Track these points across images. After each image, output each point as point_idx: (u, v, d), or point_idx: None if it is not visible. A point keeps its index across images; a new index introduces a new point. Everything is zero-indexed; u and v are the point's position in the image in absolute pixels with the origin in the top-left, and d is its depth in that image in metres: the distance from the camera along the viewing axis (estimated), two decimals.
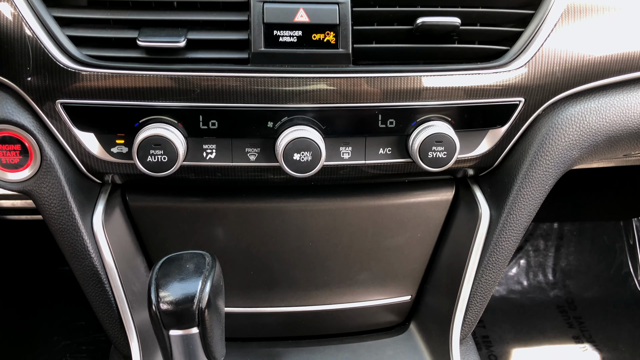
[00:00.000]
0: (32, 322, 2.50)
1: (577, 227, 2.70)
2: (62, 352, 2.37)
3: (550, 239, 2.68)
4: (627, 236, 2.67)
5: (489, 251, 1.04)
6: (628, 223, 2.68)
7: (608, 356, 2.35)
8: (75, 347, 2.39)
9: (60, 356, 2.36)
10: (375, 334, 1.20)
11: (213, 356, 0.85)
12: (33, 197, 0.94)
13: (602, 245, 2.67)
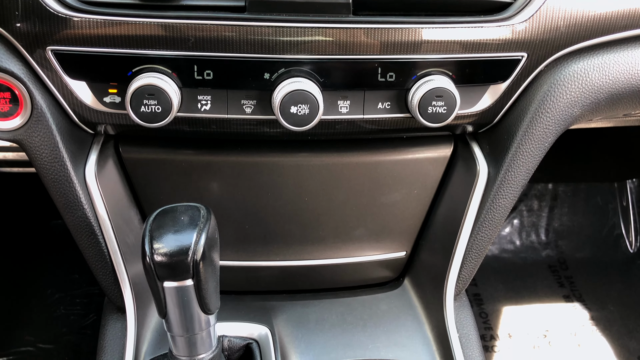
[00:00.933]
0: (26, 275, 2.51)
1: (572, 188, 2.70)
2: (56, 304, 2.39)
3: (544, 200, 2.69)
4: (620, 198, 2.68)
5: (486, 208, 1.04)
6: (622, 185, 2.69)
7: (597, 315, 2.38)
8: (69, 300, 2.41)
9: (54, 308, 2.38)
10: (370, 288, 1.21)
11: (207, 308, 0.85)
12: (24, 147, 0.93)
13: (595, 206, 2.68)
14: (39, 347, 2.24)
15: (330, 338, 1.11)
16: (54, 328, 2.31)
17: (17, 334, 2.29)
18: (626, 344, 2.28)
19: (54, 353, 2.24)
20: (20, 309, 2.37)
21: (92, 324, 2.34)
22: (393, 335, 1.11)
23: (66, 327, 2.31)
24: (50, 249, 2.56)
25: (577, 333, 2.33)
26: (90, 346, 2.27)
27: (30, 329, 2.30)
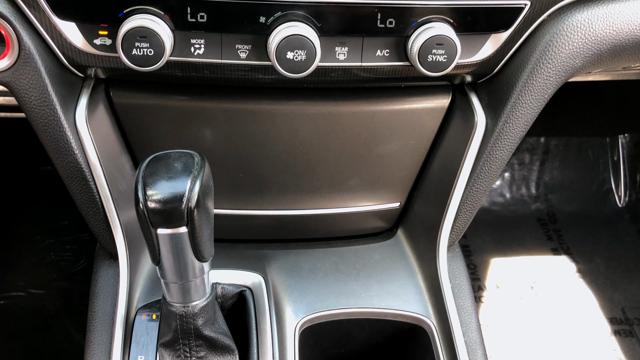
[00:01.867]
0: (15, 220, 2.50)
1: (564, 142, 2.70)
2: (46, 250, 2.39)
3: (536, 153, 2.69)
4: (612, 153, 2.69)
5: (482, 160, 1.03)
6: (614, 140, 2.69)
7: (584, 268, 2.42)
8: (59, 246, 2.40)
9: (44, 254, 2.38)
10: (363, 238, 1.21)
11: (202, 256, 0.84)
12: (13, 90, 0.90)
13: (586, 161, 2.69)
14: (30, 292, 2.25)
15: (324, 286, 1.11)
16: (45, 274, 2.32)
17: (7, 279, 2.29)
18: (611, 296, 2.32)
19: (45, 298, 2.25)
20: (10, 255, 2.37)
21: (83, 270, 2.34)
22: (386, 284, 1.12)
23: (56, 273, 2.32)
24: (39, 195, 2.55)
25: (563, 285, 2.37)
26: (81, 292, 2.28)
27: (20, 274, 2.31)
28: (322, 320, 1.08)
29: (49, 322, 2.20)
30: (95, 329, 1.00)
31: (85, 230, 2.46)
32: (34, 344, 2.16)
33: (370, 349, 1.17)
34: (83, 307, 2.29)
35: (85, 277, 2.32)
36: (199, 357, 0.94)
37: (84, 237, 2.41)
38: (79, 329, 2.17)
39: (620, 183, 2.64)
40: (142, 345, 0.99)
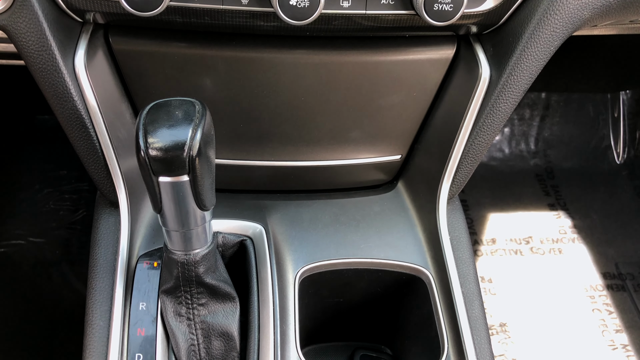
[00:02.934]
0: (13, 169, 2.49)
1: (564, 98, 2.68)
2: (45, 199, 2.39)
3: (536, 109, 2.68)
4: (612, 109, 2.67)
5: (485, 113, 1.02)
6: (615, 96, 2.67)
7: (579, 223, 2.44)
8: (57, 195, 2.41)
9: (43, 203, 2.39)
10: (363, 190, 1.21)
11: (203, 204, 0.84)
12: (10, 34, 0.88)
13: (586, 117, 2.68)
14: (30, 241, 2.27)
15: (323, 237, 1.12)
16: (44, 222, 2.33)
17: (6, 227, 2.31)
18: (605, 251, 2.35)
19: (45, 247, 2.26)
20: (9, 203, 2.37)
21: (82, 219, 2.35)
22: (385, 236, 1.13)
23: (56, 222, 2.33)
24: (37, 144, 2.54)
25: (559, 240, 2.39)
26: (80, 241, 2.30)
27: (19, 222, 2.32)
28: (322, 270, 1.09)
29: (49, 270, 2.22)
30: (96, 276, 1.01)
31: (84, 179, 2.46)
32: (34, 291, 2.19)
33: (369, 299, 1.19)
34: (83, 255, 2.31)
35: (84, 226, 2.33)
36: (200, 304, 0.96)
37: (82, 186, 2.41)
38: (79, 277, 2.19)
39: (620, 140, 2.63)
40: (144, 292, 1.00)
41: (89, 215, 2.37)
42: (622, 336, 2.13)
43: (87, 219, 2.36)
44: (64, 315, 2.13)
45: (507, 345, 2.09)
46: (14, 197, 2.40)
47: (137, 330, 0.96)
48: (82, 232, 2.32)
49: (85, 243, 2.29)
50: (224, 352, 0.97)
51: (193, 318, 0.96)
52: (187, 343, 0.95)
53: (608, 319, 2.17)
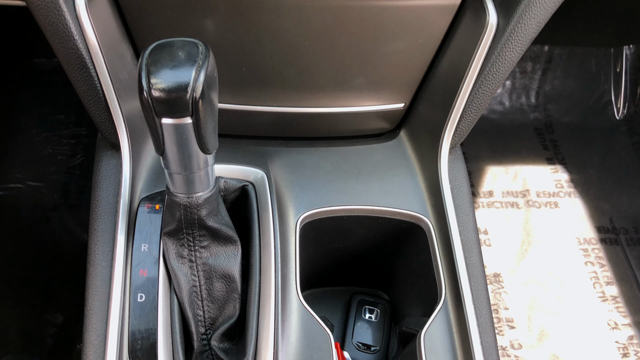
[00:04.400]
0: (10, 113, 2.47)
1: (567, 51, 2.65)
2: (43, 143, 2.38)
3: (538, 62, 2.65)
4: (615, 64, 2.65)
5: (491, 62, 1.01)
6: (618, 50, 2.64)
7: (577, 178, 2.45)
8: (55, 140, 2.40)
9: (41, 148, 2.38)
10: (365, 139, 1.20)
11: (206, 147, 0.84)
12: None
13: (588, 71, 2.66)
14: (28, 185, 2.27)
15: (325, 184, 1.12)
16: (42, 167, 2.33)
17: (4, 170, 2.30)
18: (601, 206, 2.37)
19: (44, 191, 2.27)
20: (6, 146, 2.36)
21: (80, 164, 2.35)
22: (386, 184, 1.13)
23: (54, 166, 2.33)
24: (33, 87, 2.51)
25: (555, 194, 2.41)
26: (79, 186, 2.30)
27: (17, 166, 2.32)
28: (323, 216, 1.10)
29: (48, 215, 2.23)
30: (98, 218, 1.01)
31: (82, 124, 2.44)
32: (34, 235, 2.20)
33: (368, 246, 1.20)
34: (82, 200, 2.32)
35: (82, 171, 2.33)
36: (202, 246, 0.96)
37: (80, 131, 2.40)
38: (78, 221, 2.20)
39: (620, 95, 2.62)
40: (146, 234, 1.00)
41: (87, 160, 2.37)
42: (612, 288, 2.17)
43: (86, 163, 2.36)
44: (64, 259, 2.15)
45: (500, 295, 2.13)
46: (11, 141, 2.39)
47: (140, 271, 0.97)
48: (81, 177, 2.32)
49: (84, 188, 2.29)
50: (225, 293, 0.98)
51: (195, 260, 0.97)
52: (189, 284, 0.97)
53: (600, 272, 2.20)
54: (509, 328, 2.07)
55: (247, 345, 0.92)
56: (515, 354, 2.02)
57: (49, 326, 1.98)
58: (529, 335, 2.06)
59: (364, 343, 1.24)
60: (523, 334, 2.06)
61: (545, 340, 2.05)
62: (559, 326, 2.08)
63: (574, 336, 2.06)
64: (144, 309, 0.94)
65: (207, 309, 0.98)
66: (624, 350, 2.04)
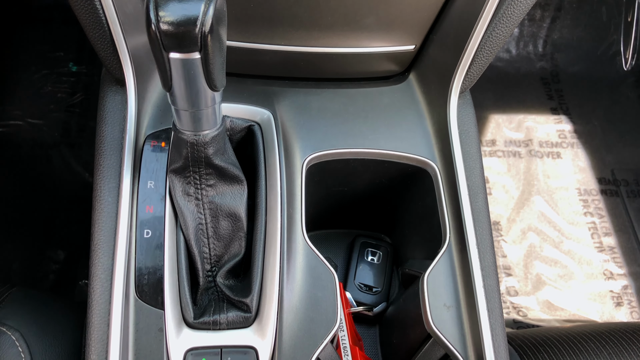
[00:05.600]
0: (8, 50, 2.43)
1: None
2: (42, 81, 2.35)
3: (548, 9, 2.60)
4: (626, 13, 2.60)
5: (506, 3, 0.98)
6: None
7: (580, 129, 2.44)
8: (55, 78, 2.37)
9: (40, 85, 2.35)
10: (374, 81, 1.18)
11: (214, 84, 0.82)
12: None
13: (598, 20, 2.61)
14: (28, 122, 2.25)
15: (332, 126, 1.11)
16: (42, 104, 2.30)
17: (4, 107, 2.28)
18: (603, 157, 2.37)
19: (44, 129, 2.25)
20: (5, 83, 2.33)
21: (80, 102, 2.33)
22: (393, 127, 1.12)
23: (54, 104, 2.30)
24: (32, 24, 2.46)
25: (558, 144, 2.40)
26: (79, 125, 2.28)
27: (17, 103, 2.29)
28: (329, 159, 1.09)
29: (48, 153, 2.22)
30: (104, 153, 1.00)
31: (81, 62, 2.41)
32: (35, 173, 2.20)
33: (373, 189, 1.20)
34: (82, 139, 2.31)
35: (83, 109, 2.31)
36: (208, 185, 0.96)
37: (80, 69, 2.36)
38: (79, 160, 2.20)
39: (629, 46, 2.58)
40: (152, 171, 1.00)
41: (87, 98, 2.34)
42: (610, 239, 2.19)
43: (86, 102, 2.33)
44: (65, 197, 2.15)
45: (498, 244, 2.15)
46: (10, 78, 2.36)
47: (146, 207, 0.97)
48: (81, 116, 2.30)
49: (85, 127, 2.27)
50: (231, 232, 0.98)
51: (201, 198, 0.97)
52: (195, 222, 0.97)
53: (598, 223, 2.22)
54: (505, 275, 2.10)
55: (253, 282, 0.93)
56: (511, 301, 2.06)
57: (51, 263, 2.00)
58: (525, 282, 2.09)
59: (365, 284, 1.25)
60: (519, 282, 2.09)
61: (540, 288, 2.08)
62: (555, 275, 2.11)
63: (569, 285, 2.09)
64: (150, 244, 0.95)
65: (213, 247, 0.98)
66: (618, 300, 2.07)
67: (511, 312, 2.03)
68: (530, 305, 2.05)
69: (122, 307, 0.90)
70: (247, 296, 0.93)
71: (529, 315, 2.02)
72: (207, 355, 0.90)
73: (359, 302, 1.23)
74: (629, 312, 2.05)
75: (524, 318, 2.02)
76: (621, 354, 1.20)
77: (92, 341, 0.89)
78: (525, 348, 1.23)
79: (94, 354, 0.89)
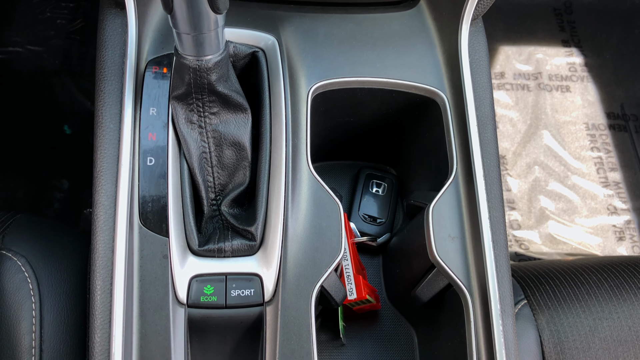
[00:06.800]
0: None
1: None
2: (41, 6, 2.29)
3: None
4: None
5: None
6: None
7: (591, 62, 2.38)
8: (54, 3, 2.30)
9: (40, 10, 2.29)
10: (383, 7, 1.14)
11: (216, 6, 0.79)
12: None
13: None
14: (28, 49, 2.21)
15: (339, 54, 1.07)
16: (41, 31, 2.25)
17: (3, 33, 2.23)
18: (613, 91, 2.33)
19: (44, 56, 2.21)
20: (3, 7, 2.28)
21: (81, 29, 2.28)
22: (402, 56, 1.08)
23: (54, 31, 2.25)
24: None
25: (567, 77, 2.35)
26: (80, 52, 2.24)
27: (16, 29, 2.24)
28: (335, 87, 1.06)
29: (49, 80, 2.19)
30: (104, 78, 0.98)
31: None
32: (36, 101, 2.17)
33: (380, 120, 1.18)
34: (83, 67, 2.27)
35: (83, 37, 2.26)
36: (212, 112, 0.94)
37: None
38: (81, 89, 2.17)
39: None
40: (154, 97, 0.97)
41: (88, 26, 2.29)
42: (615, 174, 2.18)
43: (86, 29, 2.28)
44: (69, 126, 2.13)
45: (503, 177, 2.14)
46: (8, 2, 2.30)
47: (149, 134, 0.95)
48: (82, 44, 2.25)
49: (85, 55, 2.23)
50: (235, 161, 0.97)
51: (205, 126, 0.95)
52: (199, 150, 0.95)
53: (605, 158, 2.20)
54: (509, 209, 2.10)
55: (257, 211, 0.93)
56: (514, 234, 2.07)
57: (55, 191, 2.01)
58: (528, 216, 2.09)
59: (370, 215, 1.25)
60: (523, 215, 2.10)
61: (544, 222, 2.09)
62: (559, 209, 2.11)
63: (573, 219, 2.10)
64: (153, 172, 0.93)
65: (217, 176, 0.97)
66: (620, 235, 2.08)
67: (513, 245, 2.05)
68: (533, 238, 2.06)
69: (127, 234, 0.90)
70: (252, 225, 0.93)
71: (531, 248, 2.04)
72: (212, 282, 0.90)
73: (362, 232, 1.23)
74: (631, 247, 2.07)
75: (526, 251, 2.03)
76: (622, 287, 1.21)
77: (97, 267, 0.90)
78: (527, 280, 1.23)
79: (99, 280, 0.89)
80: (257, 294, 0.90)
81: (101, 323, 0.88)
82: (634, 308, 1.17)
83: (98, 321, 0.88)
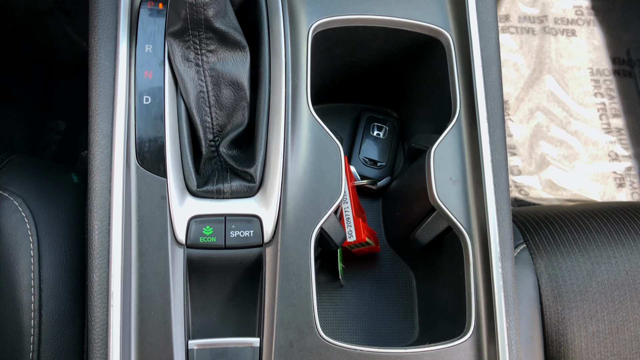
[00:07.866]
0: None
1: None
2: None
3: None
4: None
5: None
6: None
7: (598, 5, 2.32)
8: None
9: None
10: None
11: None
12: None
13: None
14: None
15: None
16: None
17: None
18: (620, 35, 2.28)
19: None
20: None
21: None
22: None
23: None
24: None
25: (574, 21, 2.30)
26: None
27: None
28: (336, 26, 1.03)
29: (43, 19, 2.13)
30: (98, 14, 0.95)
31: None
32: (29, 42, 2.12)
33: (382, 60, 1.15)
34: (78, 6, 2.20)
35: None
36: (209, 50, 0.91)
37: None
38: (75, 28, 2.11)
39: None
40: (149, 34, 0.94)
41: None
42: (618, 121, 2.16)
43: None
44: (63, 67, 2.10)
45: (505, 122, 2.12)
46: None
47: (144, 72, 0.93)
48: None
49: None
50: (233, 101, 0.95)
51: (202, 65, 0.92)
52: (196, 89, 0.93)
53: (608, 103, 2.18)
54: (510, 154, 2.09)
55: (257, 152, 0.91)
56: (514, 179, 2.06)
57: (52, 133, 1.98)
58: (529, 161, 2.08)
59: (370, 158, 1.24)
60: (524, 161, 2.08)
61: (544, 167, 2.08)
62: (560, 155, 2.10)
63: (573, 165, 2.09)
64: (150, 112, 0.91)
65: (215, 116, 0.95)
66: (620, 181, 2.08)
67: (513, 190, 2.04)
68: (533, 184, 2.06)
69: (124, 173, 0.88)
70: (251, 166, 0.91)
71: (531, 194, 2.04)
72: (211, 223, 0.89)
73: (363, 176, 1.22)
74: (630, 194, 2.07)
75: (526, 197, 2.03)
76: (622, 232, 1.21)
77: (94, 207, 0.89)
78: (527, 224, 1.23)
79: (97, 220, 0.88)
80: (256, 235, 0.90)
81: (99, 263, 0.88)
82: (632, 253, 1.17)
83: (96, 261, 0.88)
